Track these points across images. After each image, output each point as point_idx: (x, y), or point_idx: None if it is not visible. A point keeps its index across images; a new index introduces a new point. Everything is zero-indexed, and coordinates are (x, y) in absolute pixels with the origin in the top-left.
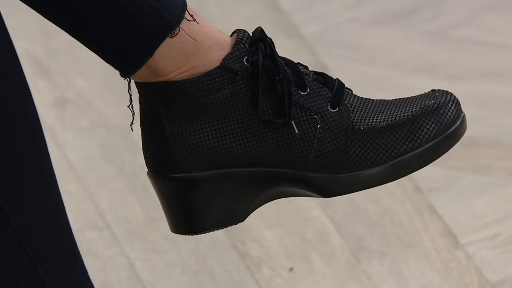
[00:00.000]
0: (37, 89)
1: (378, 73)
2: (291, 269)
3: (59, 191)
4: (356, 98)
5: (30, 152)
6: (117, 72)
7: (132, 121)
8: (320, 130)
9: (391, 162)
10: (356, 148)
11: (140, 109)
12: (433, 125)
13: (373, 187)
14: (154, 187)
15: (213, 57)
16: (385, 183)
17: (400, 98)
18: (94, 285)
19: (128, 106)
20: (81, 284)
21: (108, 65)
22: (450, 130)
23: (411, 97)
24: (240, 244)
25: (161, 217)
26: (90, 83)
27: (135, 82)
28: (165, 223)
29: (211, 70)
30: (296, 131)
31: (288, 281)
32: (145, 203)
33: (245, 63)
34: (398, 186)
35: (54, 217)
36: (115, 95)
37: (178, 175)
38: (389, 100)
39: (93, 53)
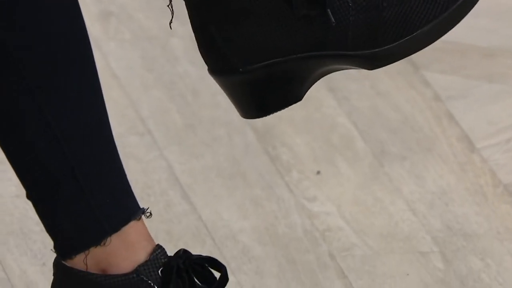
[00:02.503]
0: (84, 3)
1: None
2: (318, 172)
3: (103, 98)
4: None
5: (78, 59)
6: None
7: (171, 19)
8: (353, 12)
9: (423, 29)
10: (388, 22)
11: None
12: None
13: (410, 55)
14: (218, 84)
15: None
16: (421, 49)
17: None
18: (136, 186)
19: (168, 6)
20: (118, 188)
21: None
22: None
23: None
24: (271, 149)
25: (198, 123)
26: None
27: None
28: (201, 129)
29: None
30: (333, 20)
31: (315, 183)
32: (183, 110)
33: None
34: (418, 94)
35: (96, 123)
36: (155, 9)
37: (233, 71)
38: None
39: None
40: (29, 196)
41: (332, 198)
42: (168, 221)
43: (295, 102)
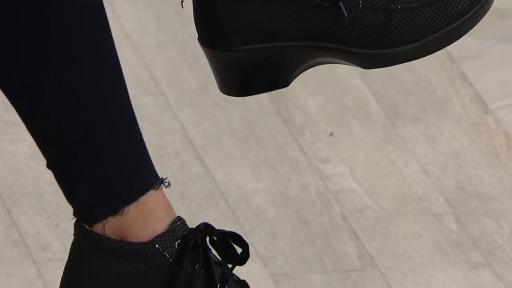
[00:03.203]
0: None
1: None
2: (331, 134)
3: (119, 64)
4: None
5: (93, 24)
6: None
7: None
8: (362, 9)
9: (428, 38)
10: (395, 26)
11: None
12: (466, 0)
13: (410, 61)
14: (205, 55)
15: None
16: (422, 57)
17: None
18: (149, 148)
19: None
20: (136, 157)
21: None
22: (482, 2)
23: None
24: (284, 111)
25: (211, 85)
26: None
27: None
28: (215, 90)
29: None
30: (345, 13)
31: (328, 145)
32: (197, 72)
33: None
34: (431, 55)
35: (113, 91)
36: None
37: (228, 48)
38: None
39: None
40: (49, 165)
41: (345, 160)
42: (182, 183)
43: (280, 88)
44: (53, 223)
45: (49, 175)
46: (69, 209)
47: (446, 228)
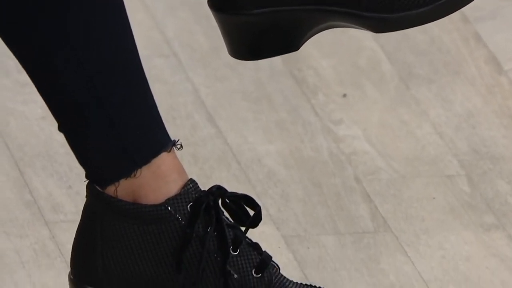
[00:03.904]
0: None
1: None
2: (344, 95)
3: (129, 26)
4: None
5: None
6: None
7: None
8: None
9: (440, 1)
10: None
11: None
12: None
13: (422, 25)
14: (215, 18)
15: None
16: (434, 21)
17: None
18: (161, 109)
19: None
20: (148, 119)
21: None
22: None
23: None
24: (297, 72)
25: (223, 46)
26: None
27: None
28: (227, 51)
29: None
30: None
31: (341, 106)
32: (209, 33)
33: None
34: None
35: (124, 52)
36: None
37: (238, 12)
38: None
39: None
40: (60, 128)
41: (358, 121)
42: (194, 144)
43: (291, 52)
44: (65, 185)
45: (61, 137)
46: (81, 170)
47: (459, 189)
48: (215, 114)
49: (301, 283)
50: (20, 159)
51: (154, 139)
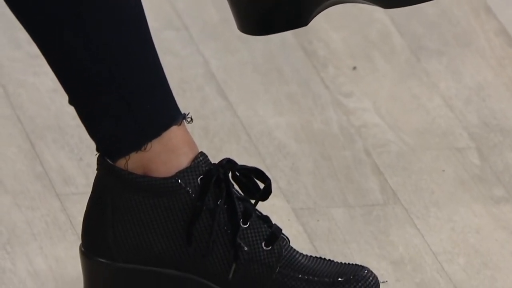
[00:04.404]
0: None
1: None
2: (354, 68)
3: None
4: None
5: None
6: None
7: None
8: None
9: None
10: None
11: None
12: None
13: (431, 0)
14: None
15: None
16: None
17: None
18: (171, 82)
19: None
20: (159, 93)
21: None
22: None
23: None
24: (307, 44)
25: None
26: None
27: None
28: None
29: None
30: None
31: (351, 79)
32: (219, 5)
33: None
34: None
35: (132, 23)
36: None
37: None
38: None
39: None
40: (71, 101)
41: (368, 94)
42: (204, 117)
43: (299, 27)
44: (76, 157)
45: (72, 109)
46: (92, 143)
47: (469, 162)
48: (226, 87)
49: (311, 256)
50: (32, 131)
51: (165, 113)
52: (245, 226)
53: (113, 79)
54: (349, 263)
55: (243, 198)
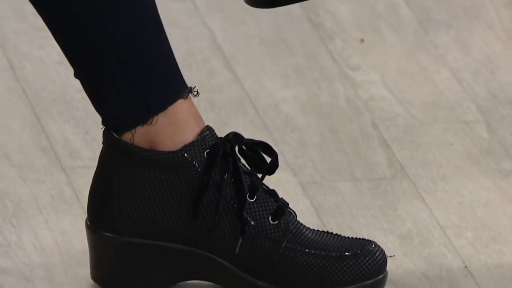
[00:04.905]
0: None
1: None
2: (362, 40)
3: None
4: None
5: None
6: None
7: None
8: None
9: None
10: None
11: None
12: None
13: None
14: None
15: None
16: None
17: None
18: (177, 54)
19: None
20: (164, 66)
21: None
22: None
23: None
24: (314, 16)
25: None
26: None
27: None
28: None
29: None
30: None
31: (358, 51)
32: None
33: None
34: None
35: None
36: None
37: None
38: None
39: None
40: (76, 75)
41: (375, 67)
42: (211, 90)
43: (305, 0)
44: (81, 130)
45: (77, 82)
46: (98, 116)
47: (477, 135)
48: (232, 60)
49: (317, 230)
50: (37, 104)
51: (171, 86)
52: (252, 200)
53: (118, 52)
54: (356, 238)
55: (249, 172)
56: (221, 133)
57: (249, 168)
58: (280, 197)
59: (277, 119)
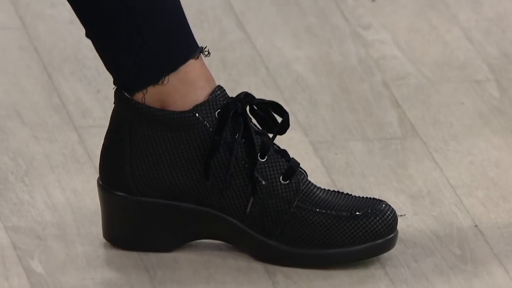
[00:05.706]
0: None
1: None
2: None
3: None
4: None
5: None
6: None
7: None
8: None
9: None
10: None
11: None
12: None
13: None
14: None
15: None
16: None
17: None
18: (189, 12)
19: None
20: (176, 26)
21: None
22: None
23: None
24: None
25: None
26: None
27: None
28: None
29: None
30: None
31: (370, 10)
32: None
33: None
34: None
35: None
36: None
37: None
38: None
39: None
40: (88, 35)
41: (387, 26)
42: (222, 49)
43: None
44: (93, 90)
45: (89, 41)
46: (110, 76)
47: (488, 94)
48: (244, 19)
49: (328, 189)
50: (49, 63)
51: (182, 46)
52: (263, 160)
53: (130, 12)
54: (367, 197)
55: (261, 132)
56: (232, 92)
57: (260, 128)
58: (291, 156)
59: (288, 78)
